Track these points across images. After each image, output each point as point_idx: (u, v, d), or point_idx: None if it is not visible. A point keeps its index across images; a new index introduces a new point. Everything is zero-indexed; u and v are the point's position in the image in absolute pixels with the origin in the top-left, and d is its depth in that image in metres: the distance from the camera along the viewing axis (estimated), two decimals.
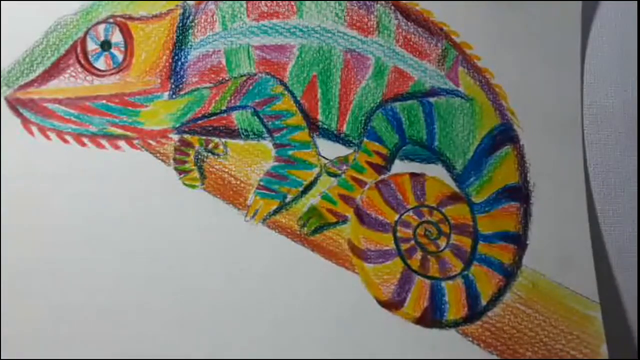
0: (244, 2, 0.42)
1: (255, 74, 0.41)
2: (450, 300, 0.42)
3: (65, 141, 0.40)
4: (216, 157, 0.41)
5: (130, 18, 0.41)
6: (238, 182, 0.41)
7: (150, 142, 0.41)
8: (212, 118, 0.41)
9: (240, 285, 0.40)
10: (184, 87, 0.41)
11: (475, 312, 0.42)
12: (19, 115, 0.40)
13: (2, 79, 0.40)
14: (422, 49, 0.43)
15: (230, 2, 0.42)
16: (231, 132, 0.41)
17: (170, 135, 0.41)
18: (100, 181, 0.40)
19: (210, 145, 0.41)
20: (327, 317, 0.41)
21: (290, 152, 0.41)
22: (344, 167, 0.42)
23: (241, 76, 0.41)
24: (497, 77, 0.43)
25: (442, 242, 0.42)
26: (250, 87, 0.41)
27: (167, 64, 0.41)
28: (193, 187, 0.41)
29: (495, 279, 0.42)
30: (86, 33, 0.40)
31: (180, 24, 0.41)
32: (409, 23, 0.43)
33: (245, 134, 0.42)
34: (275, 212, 0.41)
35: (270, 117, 0.41)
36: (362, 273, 0.41)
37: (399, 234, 0.42)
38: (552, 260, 0.42)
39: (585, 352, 0.42)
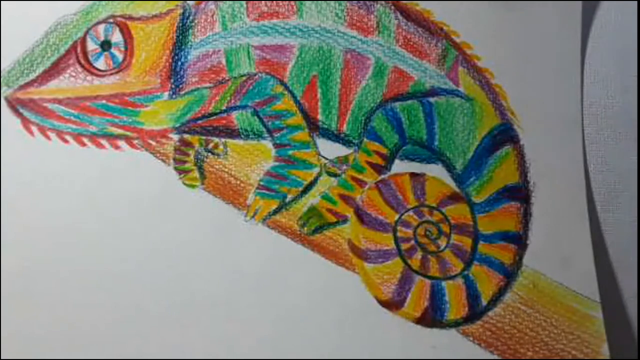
0: (244, 2, 0.42)
1: (255, 74, 0.41)
2: (451, 300, 0.41)
3: (65, 141, 0.40)
4: (216, 157, 0.41)
5: (130, 18, 0.41)
6: (238, 182, 0.41)
7: (150, 142, 0.41)
8: (212, 118, 0.41)
9: (240, 285, 0.40)
10: (184, 87, 0.41)
11: (475, 312, 0.42)
12: (19, 115, 0.40)
13: (2, 79, 0.40)
14: (422, 49, 0.43)
15: (230, 2, 0.42)
16: (231, 132, 0.42)
17: (170, 135, 0.41)
18: (100, 181, 0.40)
19: (210, 145, 0.41)
20: (327, 317, 0.41)
21: (290, 152, 0.41)
22: (344, 167, 0.42)
23: (241, 76, 0.41)
24: (497, 77, 0.43)
25: (443, 242, 0.42)
26: (250, 87, 0.41)
27: (167, 64, 0.41)
28: (193, 187, 0.41)
29: (495, 278, 0.42)
30: (86, 33, 0.40)
31: (180, 24, 0.41)
32: (409, 23, 0.43)
33: (245, 134, 0.42)
34: (275, 212, 0.41)
35: (270, 117, 0.41)
36: (362, 273, 0.41)
37: (399, 234, 0.42)
38: (552, 260, 0.42)
39: (587, 352, 0.42)
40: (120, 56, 0.40)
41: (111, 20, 0.40)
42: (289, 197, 0.41)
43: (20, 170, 0.40)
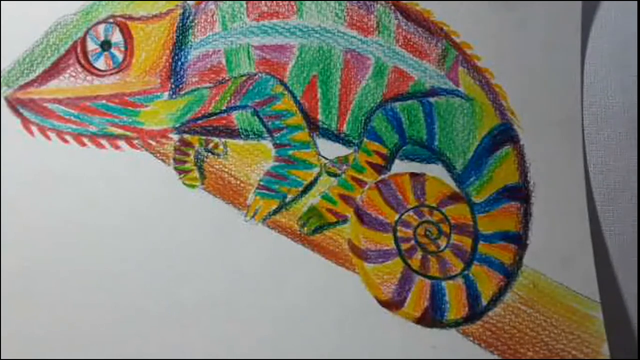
0: (244, 2, 0.42)
1: (255, 74, 0.41)
2: (451, 300, 0.41)
3: (65, 141, 0.40)
4: (216, 157, 0.41)
5: (130, 18, 0.41)
6: (238, 182, 0.41)
7: (150, 142, 0.41)
8: (212, 118, 0.41)
9: (240, 285, 0.40)
10: (184, 87, 0.41)
11: (475, 312, 0.42)
12: (19, 115, 0.40)
13: (2, 79, 0.40)
14: (422, 49, 0.43)
15: (230, 2, 0.42)
16: (231, 132, 0.42)
17: (170, 135, 0.41)
18: (100, 181, 0.40)
19: (210, 145, 0.41)
20: (327, 317, 0.41)
21: (290, 152, 0.41)
22: (344, 167, 0.42)
23: (241, 76, 0.41)
24: (497, 77, 0.43)
25: (443, 242, 0.42)
26: (250, 87, 0.41)
27: (167, 64, 0.41)
28: (193, 187, 0.41)
29: (495, 278, 0.42)
30: (86, 33, 0.40)
31: (180, 24, 0.41)
32: (409, 23, 0.43)
33: (245, 134, 0.42)
34: (275, 212, 0.41)
35: (270, 117, 0.41)
36: (362, 273, 0.41)
37: (399, 234, 0.42)
38: (552, 260, 0.42)
39: (587, 352, 0.42)
40: (120, 56, 0.40)
41: (111, 20, 0.40)
42: (289, 197, 0.41)
43: (20, 170, 0.40)
